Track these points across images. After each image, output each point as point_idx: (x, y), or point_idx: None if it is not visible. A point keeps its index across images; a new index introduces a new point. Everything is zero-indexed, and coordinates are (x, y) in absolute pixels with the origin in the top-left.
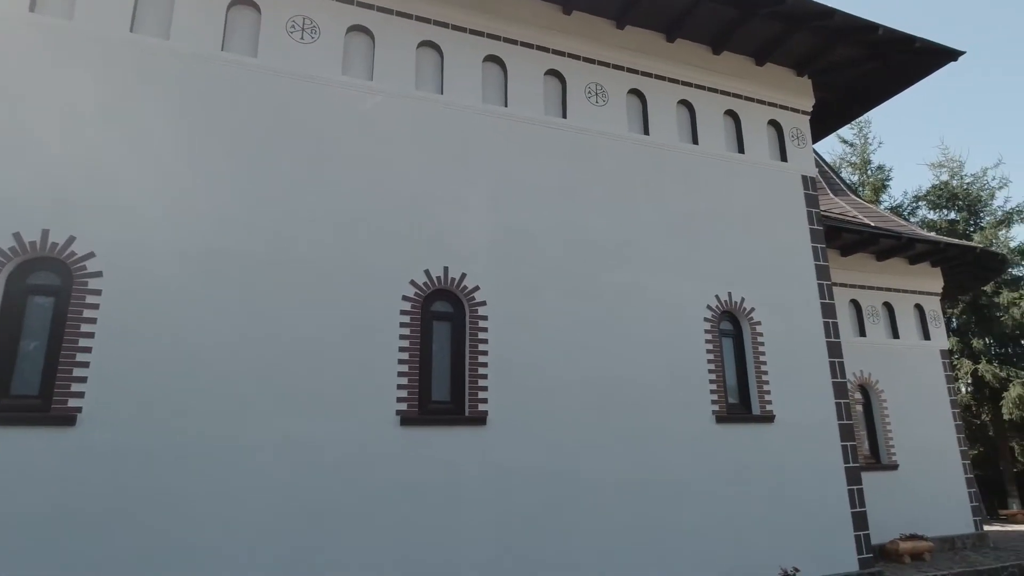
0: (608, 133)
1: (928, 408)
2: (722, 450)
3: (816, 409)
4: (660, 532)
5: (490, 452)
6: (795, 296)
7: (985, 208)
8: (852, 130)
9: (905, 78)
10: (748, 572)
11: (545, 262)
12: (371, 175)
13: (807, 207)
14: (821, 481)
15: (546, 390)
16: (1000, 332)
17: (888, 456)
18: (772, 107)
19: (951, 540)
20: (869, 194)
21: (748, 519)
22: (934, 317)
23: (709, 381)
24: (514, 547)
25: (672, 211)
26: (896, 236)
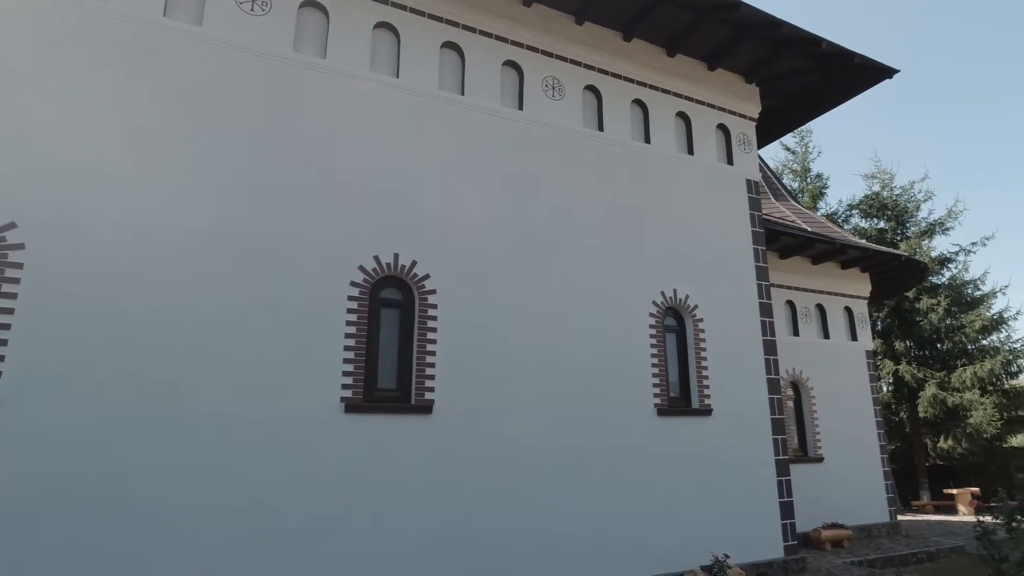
0: (563, 127)
1: (852, 405)
2: (662, 441)
3: (751, 403)
4: (601, 520)
5: (436, 441)
6: (736, 295)
7: (911, 219)
8: (795, 138)
9: (845, 91)
10: (683, 559)
11: (496, 252)
12: (321, 157)
13: (750, 210)
14: (753, 472)
15: (494, 380)
16: (919, 335)
17: (815, 449)
18: (721, 111)
19: (868, 528)
20: (808, 201)
21: (684, 508)
22: (862, 320)
23: (652, 375)
24: (458, 535)
25: (622, 208)
26: (831, 242)
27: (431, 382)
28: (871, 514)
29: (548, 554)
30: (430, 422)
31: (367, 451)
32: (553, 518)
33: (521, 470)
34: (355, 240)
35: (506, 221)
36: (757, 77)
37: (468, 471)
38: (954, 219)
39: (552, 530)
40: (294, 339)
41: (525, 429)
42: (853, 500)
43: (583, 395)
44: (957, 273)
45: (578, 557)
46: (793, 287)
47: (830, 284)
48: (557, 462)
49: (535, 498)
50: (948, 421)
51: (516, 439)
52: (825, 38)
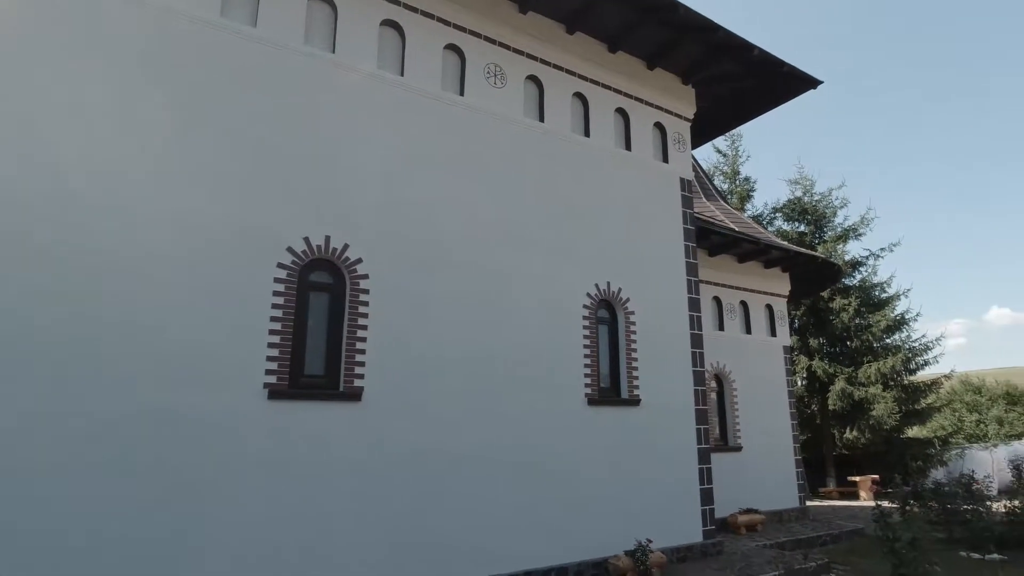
0: (504, 116)
1: (770, 397)
2: (592, 431)
3: (677, 395)
4: (532, 508)
5: (365, 429)
6: (667, 290)
7: (828, 224)
8: (726, 141)
9: (775, 98)
10: (610, 544)
11: (432, 238)
12: (251, 132)
13: (683, 208)
14: (677, 460)
15: (427, 367)
16: (831, 333)
17: (735, 439)
18: (659, 110)
19: (780, 513)
20: (736, 202)
21: (611, 495)
22: (781, 317)
23: (584, 365)
24: (387, 525)
25: (560, 199)
26: (756, 242)
27: (361, 369)
28: (783, 500)
29: (479, 540)
30: (359, 409)
31: (292, 439)
32: (485, 506)
33: (453, 458)
34: (284, 221)
35: (445, 208)
36: (694, 79)
37: (399, 460)
38: (866, 226)
39: (483, 518)
40: (215, 323)
41: (458, 417)
42: (767, 487)
43: (517, 384)
44: (867, 276)
45: (509, 543)
46: (720, 284)
47: (754, 282)
48: (490, 450)
49: (467, 486)
50: (854, 413)
51: (449, 427)
52: (757, 46)
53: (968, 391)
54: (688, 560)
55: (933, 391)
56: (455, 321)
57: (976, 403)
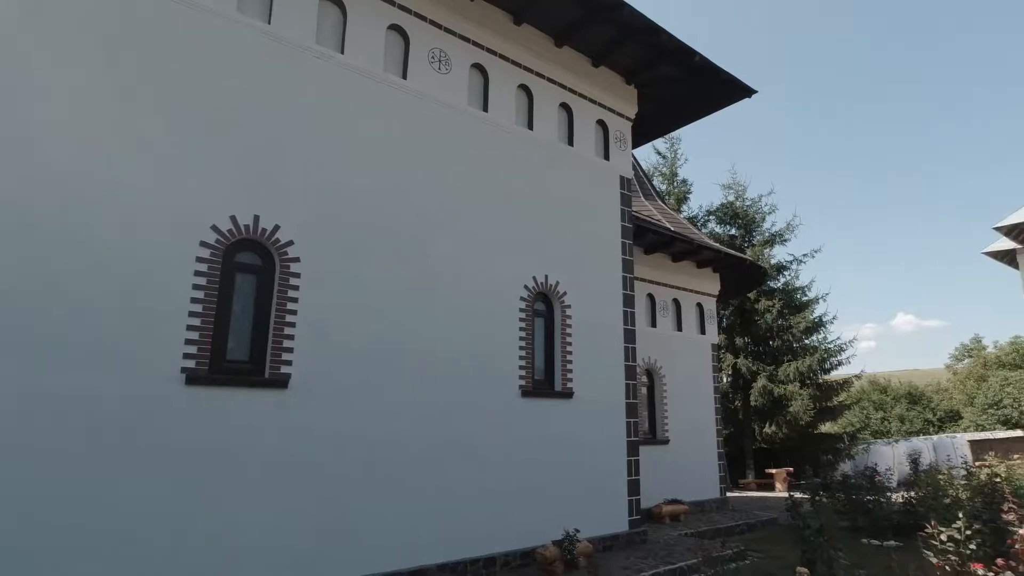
0: (448, 103)
1: (697, 393)
2: (525, 422)
3: (609, 388)
4: (462, 498)
5: (292, 417)
6: (603, 285)
7: (757, 228)
8: (666, 144)
9: (713, 103)
10: (538, 534)
11: (369, 223)
12: (176, 102)
13: (621, 205)
14: (606, 452)
15: (359, 355)
16: (756, 333)
17: (662, 432)
18: (602, 108)
19: (702, 504)
20: (673, 203)
21: (543, 486)
22: (710, 316)
23: (519, 357)
24: (312, 514)
25: (502, 191)
26: (689, 242)
27: (289, 355)
28: (705, 491)
29: (407, 529)
30: (286, 397)
31: (211, 427)
32: (415, 495)
33: (383, 447)
34: (209, 198)
35: (383, 193)
36: (637, 79)
37: (326, 451)
38: (791, 232)
39: (413, 508)
40: (127, 302)
41: (390, 406)
42: (691, 479)
43: (451, 375)
44: (790, 280)
45: (438, 532)
46: (654, 281)
47: (686, 281)
48: (421, 440)
49: (396, 475)
50: (773, 409)
51: (380, 416)
52: (698, 51)
53: (875, 391)
54: (613, 549)
55: (844, 390)
56: (390, 309)
57: (882, 402)
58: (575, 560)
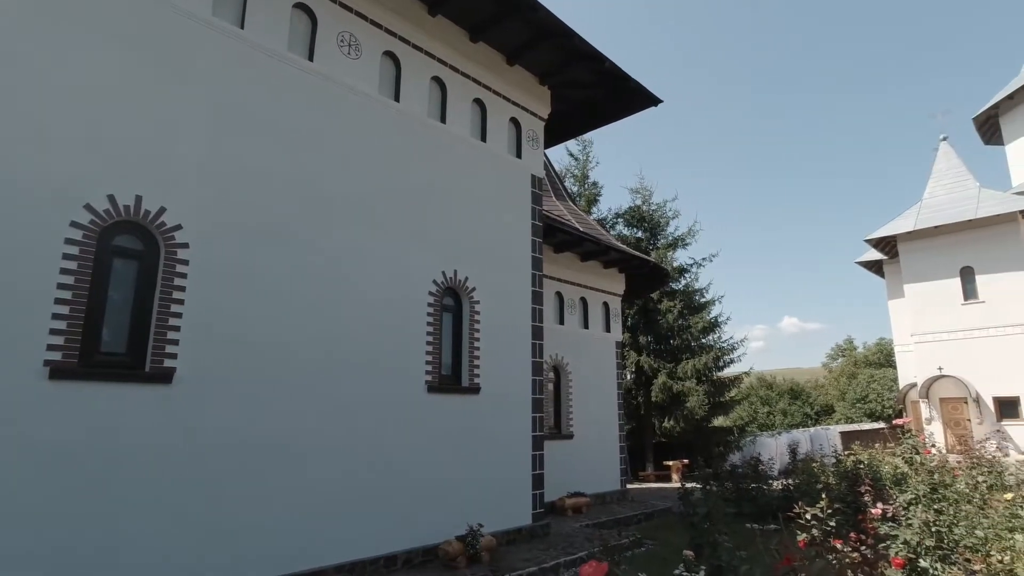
0: (357, 90)
1: (601, 389)
2: (431, 418)
3: (516, 384)
4: (363, 496)
5: (178, 414)
6: (512, 281)
7: (662, 232)
8: (578, 146)
9: (622, 109)
10: (442, 530)
11: (270, 209)
12: (48, 66)
13: (532, 204)
14: (512, 447)
15: (255, 349)
16: (658, 332)
17: (567, 427)
18: (515, 106)
19: (603, 496)
20: (584, 204)
21: (448, 481)
22: (615, 314)
23: (426, 352)
24: (200, 519)
25: (413, 183)
26: (597, 242)
27: (174, 348)
28: (607, 483)
29: (304, 530)
30: (170, 393)
31: (80, 425)
32: (312, 495)
33: (281, 448)
34: (84, 174)
35: (286, 178)
36: (550, 81)
37: (217, 450)
38: (692, 236)
39: (310, 507)
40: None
41: (289, 404)
42: (594, 472)
43: (355, 370)
44: (690, 282)
45: (341, 535)
46: (563, 280)
47: (593, 280)
48: (321, 437)
49: (293, 475)
50: (672, 405)
51: (278, 415)
52: (609, 58)
53: (762, 387)
54: (517, 542)
55: (735, 386)
56: (290, 301)
57: (768, 397)
58: (478, 554)
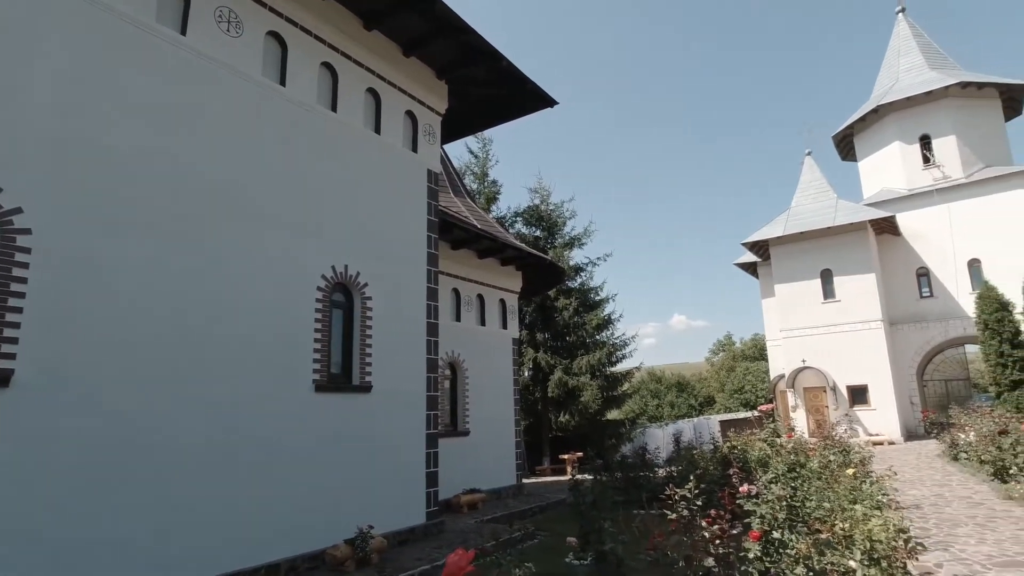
0: (238, 70)
1: (498, 385)
2: (319, 418)
3: (410, 381)
4: (246, 504)
5: (14, 420)
6: (406, 277)
7: (559, 231)
8: (478, 143)
9: (519, 109)
10: (331, 534)
11: (137, 194)
12: None
13: (428, 199)
14: (405, 446)
15: (114, 348)
16: (555, 329)
17: (463, 424)
18: (411, 99)
19: (499, 491)
20: (483, 202)
21: (338, 483)
22: (512, 311)
23: (314, 350)
24: (47, 536)
25: (300, 173)
26: (494, 240)
27: (12, 347)
28: (503, 479)
29: (175, 547)
30: (8, 398)
31: None
32: (184, 507)
33: (146, 454)
34: None
35: (153, 161)
36: (448, 76)
37: (65, 458)
38: (588, 236)
39: (181, 518)
40: None
41: (158, 406)
42: (490, 468)
43: (235, 368)
44: (585, 280)
45: (215, 545)
46: (460, 277)
47: (491, 277)
48: (197, 443)
49: (162, 483)
50: (568, 400)
51: (144, 418)
52: (506, 57)
53: (652, 381)
54: (410, 542)
55: (627, 380)
56: (163, 295)
57: (657, 390)
58: (368, 557)
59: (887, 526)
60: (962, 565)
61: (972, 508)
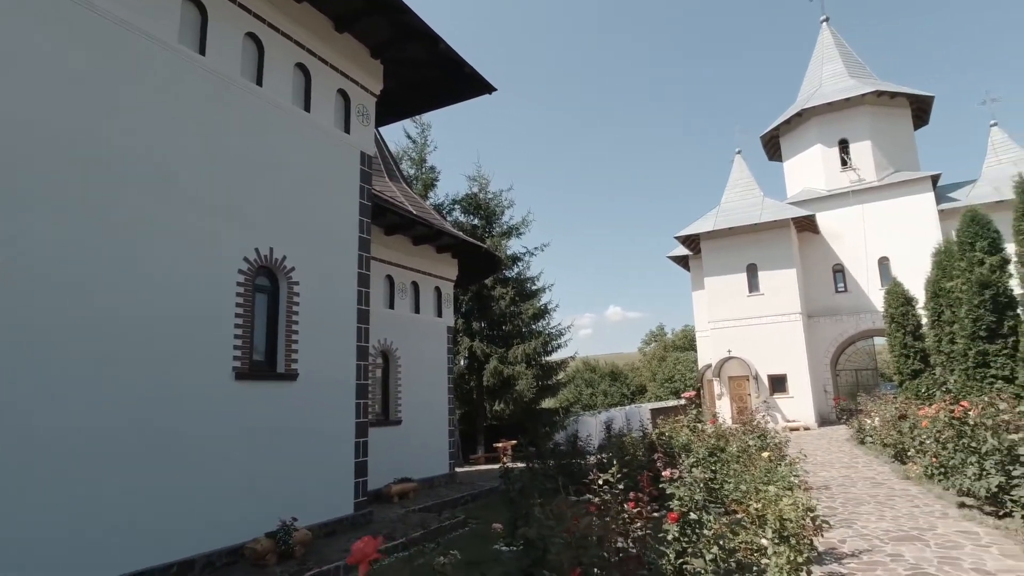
0: (153, 36)
1: (432, 374)
2: (240, 406)
3: (339, 369)
4: (158, 499)
5: None
6: (336, 263)
7: (497, 220)
8: (417, 128)
9: (457, 94)
10: (251, 528)
11: (41, 168)
12: None
13: (361, 182)
14: (333, 436)
15: (13, 331)
16: (491, 318)
17: (396, 413)
18: (344, 77)
19: (432, 480)
20: (420, 189)
21: (260, 475)
22: (447, 300)
23: (235, 336)
24: None
25: (223, 150)
26: (429, 226)
27: None
28: (436, 468)
29: (78, 547)
30: None
31: None
32: (89, 503)
33: (42, 448)
34: None
35: (58, 127)
36: (384, 56)
37: None
38: (526, 226)
39: (81, 515)
40: None
41: (54, 397)
42: (423, 457)
43: (147, 355)
44: (522, 270)
45: (130, 542)
46: (394, 263)
47: (426, 265)
48: (103, 434)
49: (62, 482)
50: (502, 389)
51: (39, 409)
52: (444, 40)
53: (587, 370)
54: (337, 533)
55: (562, 369)
56: (69, 276)
57: (591, 380)
58: (292, 549)
59: (797, 506)
60: (863, 540)
61: (874, 488)
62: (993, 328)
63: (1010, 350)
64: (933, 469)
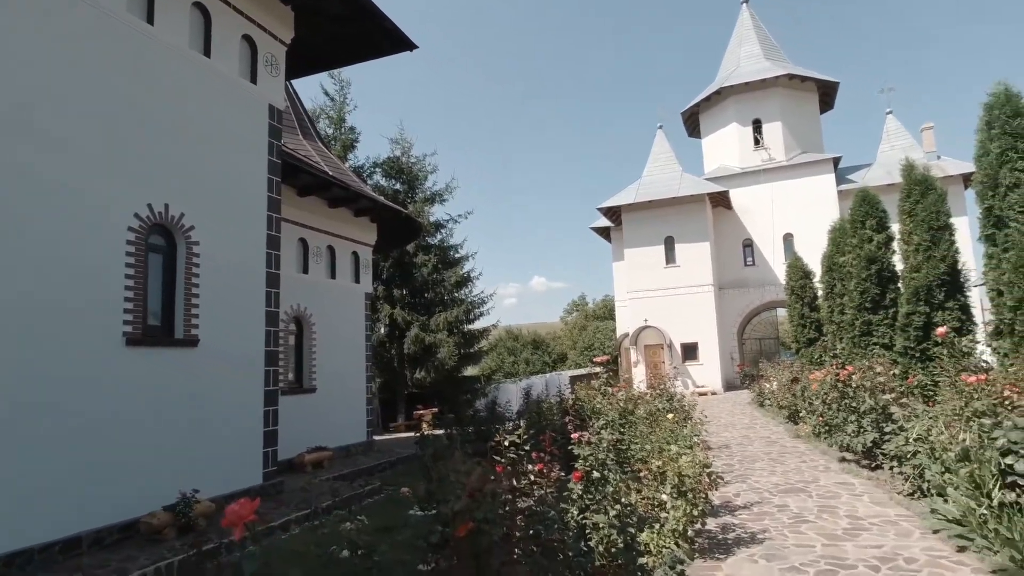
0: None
1: (349, 341)
2: (133, 374)
3: (246, 336)
4: (38, 476)
5: None
6: (242, 223)
7: (420, 186)
8: (336, 85)
9: (377, 49)
10: (147, 502)
11: None
12: None
13: (269, 138)
14: (239, 404)
15: None
16: (413, 285)
17: (310, 381)
18: (250, 22)
19: (348, 448)
20: (339, 150)
21: (159, 446)
22: (365, 265)
23: (125, 299)
24: None
25: (107, 95)
26: (346, 188)
27: None
28: (353, 436)
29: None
30: None
31: None
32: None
33: None
34: None
35: None
36: (295, 2)
37: None
38: (449, 193)
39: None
40: None
41: None
42: (339, 425)
43: (22, 320)
44: (445, 237)
45: (9, 524)
46: (308, 226)
47: (343, 229)
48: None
49: None
50: (424, 356)
51: None
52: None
53: (510, 339)
54: None
55: (484, 337)
56: None
57: (514, 348)
58: (193, 522)
59: (694, 463)
60: (755, 493)
61: (768, 446)
62: (877, 300)
63: (890, 320)
64: (820, 428)
